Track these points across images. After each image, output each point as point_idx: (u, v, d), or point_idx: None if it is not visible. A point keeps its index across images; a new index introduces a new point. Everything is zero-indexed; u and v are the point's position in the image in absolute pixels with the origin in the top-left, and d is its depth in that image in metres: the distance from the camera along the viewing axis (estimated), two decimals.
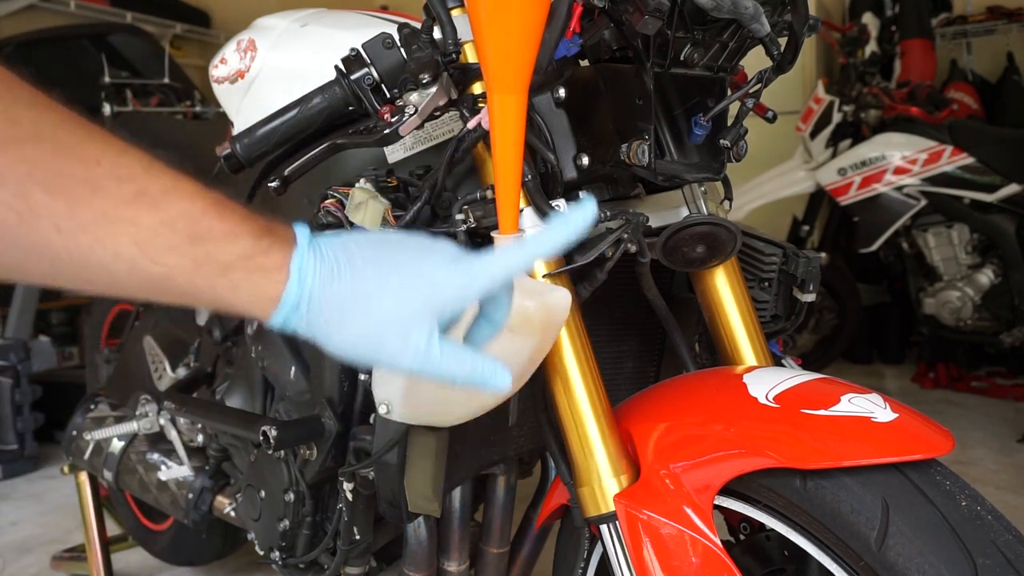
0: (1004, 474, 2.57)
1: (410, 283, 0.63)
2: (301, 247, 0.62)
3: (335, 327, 0.62)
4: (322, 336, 0.63)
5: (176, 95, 3.07)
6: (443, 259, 0.65)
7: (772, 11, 0.84)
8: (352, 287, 0.62)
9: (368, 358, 0.64)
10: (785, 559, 0.92)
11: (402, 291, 0.63)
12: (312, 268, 0.62)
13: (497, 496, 1.22)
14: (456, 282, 0.64)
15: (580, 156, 0.93)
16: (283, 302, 0.61)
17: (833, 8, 4.32)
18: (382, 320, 0.62)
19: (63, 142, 0.54)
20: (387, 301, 0.62)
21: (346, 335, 0.63)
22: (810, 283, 1.05)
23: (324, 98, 0.94)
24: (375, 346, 0.63)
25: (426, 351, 0.63)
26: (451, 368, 0.65)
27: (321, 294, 0.61)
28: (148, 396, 1.60)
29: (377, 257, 0.64)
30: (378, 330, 0.63)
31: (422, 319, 0.63)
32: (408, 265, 0.64)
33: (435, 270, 0.64)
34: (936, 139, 3.21)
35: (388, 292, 0.62)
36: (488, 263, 0.66)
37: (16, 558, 2.25)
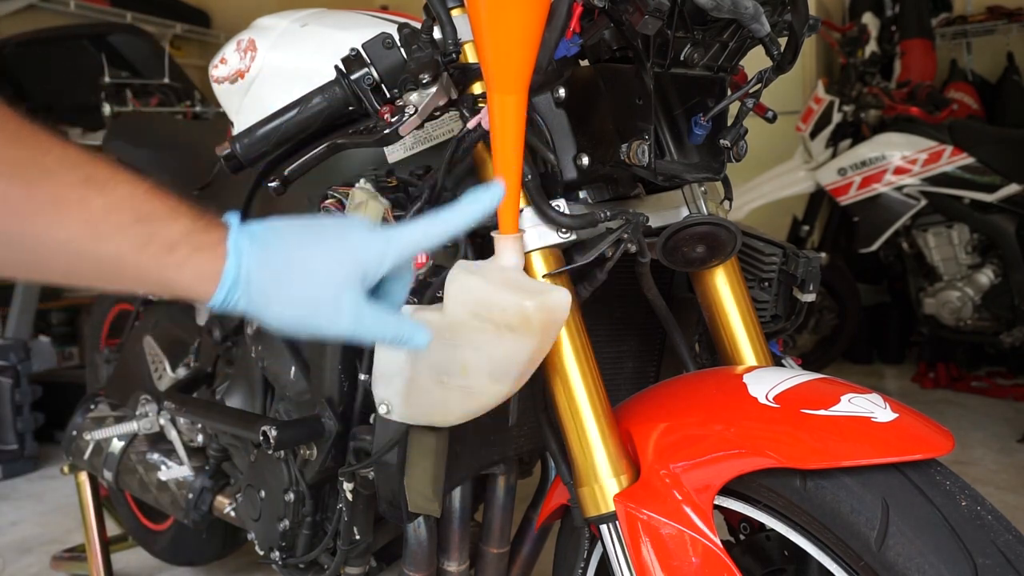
0: (1004, 474, 2.57)
1: (336, 253, 0.68)
2: (234, 227, 0.67)
3: (273, 300, 0.67)
4: (261, 310, 0.67)
5: (176, 95, 3.07)
6: (362, 229, 0.71)
7: (772, 11, 0.84)
8: (285, 260, 0.67)
9: (305, 327, 0.68)
10: (785, 559, 0.92)
11: (330, 260, 0.68)
12: (247, 245, 0.66)
13: (497, 496, 1.22)
14: (376, 248, 0.70)
15: (580, 156, 0.93)
16: (224, 277, 0.64)
17: (833, 8, 4.32)
18: (315, 289, 0.67)
19: (14, 132, 0.58)
20: (318, 270, 0.67)
21: (284, 307, 0.67)
22: (810, 283, 1.05)
23: (324, 98, 0.94)
24: (311, 314, 0.68)
25: (357, 314, 0.68)
26: (379, 329, 0.71)
27: (258, 268, 0.66)
28: (148, 396, 1.60)
29: (303, 233, 0.69)
30: (313, 298, 0.67)
31: (351, 285, 0.68)
32: (332, 237, 0.69)
33: (356, 239, 0.70)
34: (936, 139, 3.21)
35: (318, 262, 0.67)
36: (403, 231, 0.72)
37: (16, 558, 2.25)
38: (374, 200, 0.95)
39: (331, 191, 1.01)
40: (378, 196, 0.96)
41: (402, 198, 1.01)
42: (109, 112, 2.25)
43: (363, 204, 0.95)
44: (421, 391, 0.87)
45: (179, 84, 3.26)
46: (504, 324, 0.79)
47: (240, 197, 1.41)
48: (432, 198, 0.99)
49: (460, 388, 0.84)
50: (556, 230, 0.90)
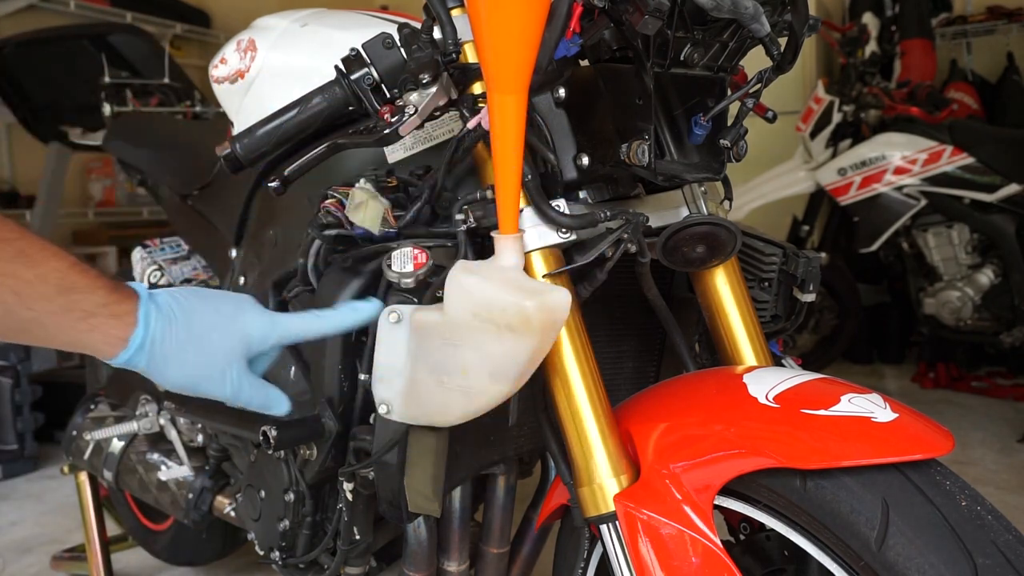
0: (1004, 474, 2.57)
1: (229, 331, 0.82)
2: (144, 299, 0.78)
3: (171, 365, 0.79)
4: (157, 372, 0.79)
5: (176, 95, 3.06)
6: (254, 311, 0.85)
7: (772, 11, 0.84)
8: (187, 333, 0.79)
9: (193, 389, 0.82)
10: (785, 559, 0.92)
11: (223, 337, 0.81)
12: (154, 316, 0.78)
13: (497, 496, 1.22)
14: (262, 330, 0.84)
15: (580, 156, 0.93)
16: (131, 343, 0.76)
17: (833, 8, 4.32)
18: (208, 360, 0.81)
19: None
20: (212, 345, 0.80)
21: (179, 371, 0.80)
22: (810, 283, 1.05)
23: (324, 98, 0.94)
24: (201, 379, 0.81)
25: (238, 384, 0.83)
26: (252, 396, 0.85)
27: (161, 339, 0.78)
28: (148, 396, 1.60)
29: (203, 308, 0.82)
30: (205, 367, 0.81)
31: (236, 360, 0.83)
32: (228, 316, 0.83)
33: (248, 320, 0.84)
34: (936, 139, 3.20)
35: (213, 338, 0.81)
36: (288, 321, 0.86)
37: (16, 558, 2.25)
38: (374, 200, 0.95)
39: (331, 191, 1.01)
40: (378, 196, 0.96)
41: (402, 198, 1.01)
42: (109, 112, 2.25)
43: (363, 204, 0.95)
44: (421, 391, 0.87)
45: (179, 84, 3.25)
46: (504, 324, 0.79)
47: (240, 197, 1.41)
48: (432, 198, 0.99)
49: (460, 388, 0.84)
50: (556, 230, 0.90)
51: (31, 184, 3.72)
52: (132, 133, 1.97)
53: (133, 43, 3.44)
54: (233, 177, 1.08)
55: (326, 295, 1.06)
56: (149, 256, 1.72)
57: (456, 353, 0.83)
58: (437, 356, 0.84)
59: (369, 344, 1.00)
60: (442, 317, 0.84)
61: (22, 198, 3.72)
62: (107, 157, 3.90)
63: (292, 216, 1.23)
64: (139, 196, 4.06)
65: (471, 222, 0.91)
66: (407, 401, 0.89)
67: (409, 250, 0.92)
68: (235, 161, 0.95)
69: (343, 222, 0.99)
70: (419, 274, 0.91)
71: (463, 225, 0.91)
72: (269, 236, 1.29)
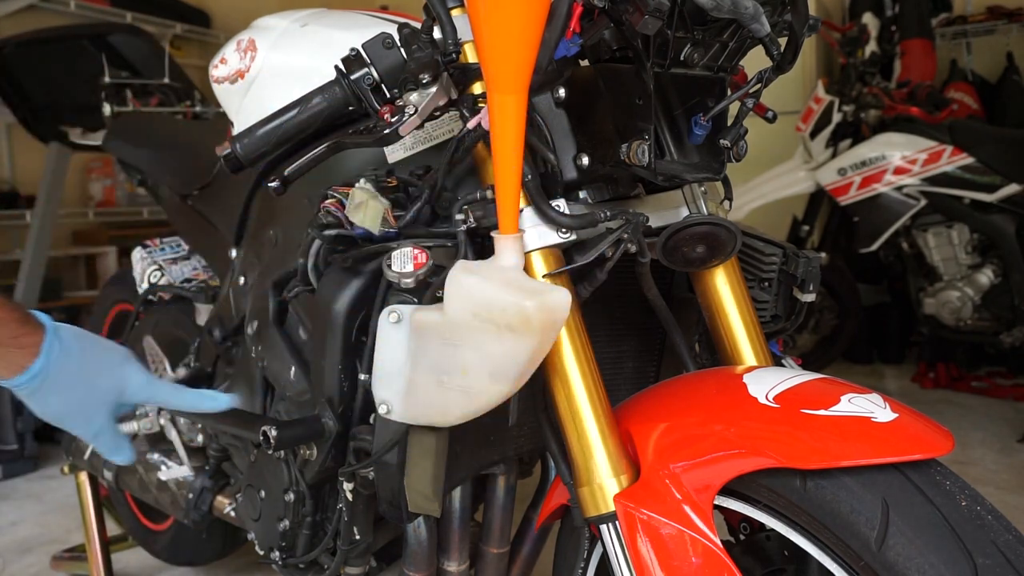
0: (1004, 474, 2.57)
1: (110, 381, 0.92)
2: (49, 332, 0.87)
3: (51, 397, 0.88)
4: (39, 400, 0.88)
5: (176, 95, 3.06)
6: (136, 372, 0.94)
7: (772, 11, 0.84)
8: (78, 370, 0.88)
9: (59, 422, 0.91)
10: (785, 559, 0.92)
11: (103, 385, 0.91)
12: (56, 350, 0.86)
13: (497, 496, 1.22)
14: (137, 390, 0.94)
15: (580, 156, 0.93)
16: (28, 372, 0.85)
17: (833, 8, 4.32)
18: (85, 402, 0.90)
19: None
20: (92, 391, 0.90)
21: (57, 403, 0.89)
22: (810, 283, 1.05)
23: (324, 98, 0.94)
24: (71, 416, 0.91)
25: (99, 431, 0.93)
26: (106, 443, 0.94)
27: (56, 371, 0.86)
28: None
29: (96, 351, 0.91)
30: (79, 407, 0.90)
31: (107, 410, 0.92)
32: (115, 363, 0.93)
33: (129, 372, 0.93)
34: (936, 139, 3.20)
35: (95, 384, 0.90)
36: (159, 389, 0.97)
37: (16, 558, 2.25)
38: (374, 200, 0.95)
39: (331, 191, 1.01)
40: (378, 196, 0.96)
41: (402, 198, 1.01)
42: (109, 112, 2.24)
43: (363, 204, 0.95)
44: (421, 391, 0.87)
45: (179, 84, 3.25)
46: (504, 324, 0.79)
47: (240, 197, 1.41)
48: (432, 198, 0.99)
49: (460, 388, 0.84)
50: (556, 230, 0.90)
51: (31, 184, 3.72)
52: (132, 133, 1.97)
53: (133, 43, 3.44)
54: (233, 177, 1.08)
55: (326, 295, 1.06)
56: (149, 256, 1.72)
57: (456, 353, 0.83)
58: (437, 356, 0.85)
59: (369, 344, 1.00)
60: (442, 317, 0.84)
61: (22, 198, 3.72)
62: (107, 157, 3.90)
63: (292, 216, 1.23)
64: (139, 196, 4.06)
65: (471, 222, 0.91)
66: (407, 401, 0.89)
67: (409, 250, 0.92)
68: (235, 161, 0.95)
69: (343, 222, 0.99)
70: (419, 274, 0.91)
71: (463, 225, 0.91)
72: (269, 236, 1.29)
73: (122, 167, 1.97)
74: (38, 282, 3.42)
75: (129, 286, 2.02)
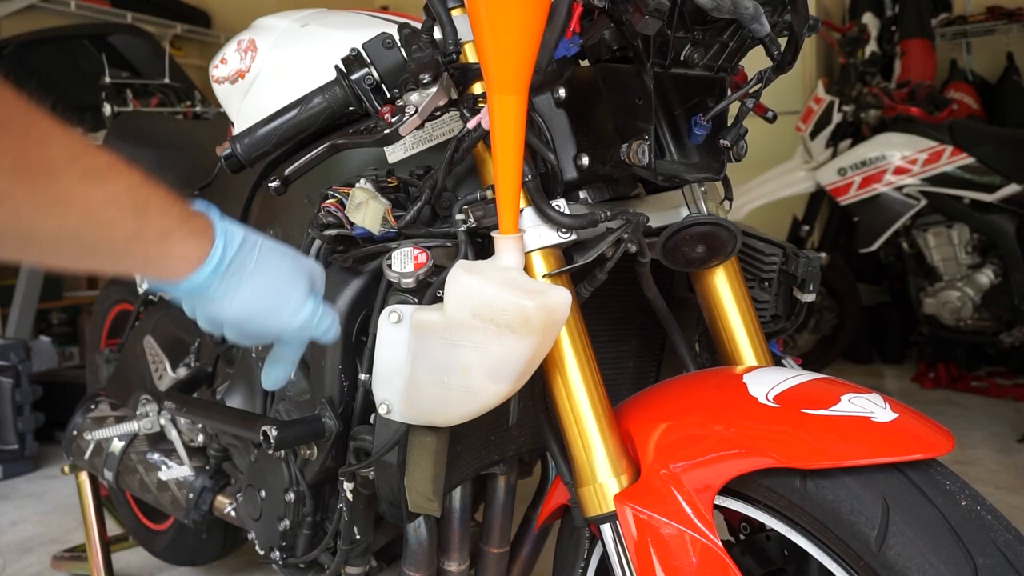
0: (1004, 474, 2.57)
1: (297, 260, 0.78)
2: (216, 216, 0.72)
3: (243, 288, 0.72)
4: (226, 297, 0.71)
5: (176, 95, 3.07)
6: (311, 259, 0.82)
7: (772, 11, 0.84)
8: (261, 256, 0.73)
9: (253, 320, 0.74)
10: (785, 559, 0.92)
11: (294, 263, 0.77)
12: (231, 235, 0.71)
13: (497, 496, 1.22)
14: (318, 269, 0.81)
15: (580, 156, 0.93)
16: (208, 261, 0.69)
17: (833, 8, 4.32)
18: (280, 288, 0.75)
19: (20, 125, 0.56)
20: (285, 272, 0.75)
21: (248, 296, 0.72)
22: (810, 283, 1.05)
23: (324, 98, 0.95)
24: (271, 309, 0.74)
25: (313, 309, 0.77)
26: (323, 320, 0.79)
27: (238, 259, 0.71)
28: (148, 396, 1.60)
29: (267, 238, 0.76)
30: (276, 295, 0.74)
31: (306, 288, 0.77)
32: (293, 252, 0.79)
33: (308, 262, 0.80)
34: (936, 139, 3.20)
35: (286, 261, 0.76)
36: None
37: (16, 558, 2.25)
38: (374, 200, 0.95)
39: (331, 191, 1.01)
40: (378, 196, 0.96)
41: (402, 198, 1.01)
42: (109, 112, 2.25)
43: (363, 204, 0.95)
44: (421, 391, 0.87)
45: (179, 84, 3.25)
46: (504, 324, 0.79)
47: (240, 197, 1.41)
48: (432, 198, 0.99)
49: (460, 388, 0.84)
50: (556, 230, 0.90)
51: None
52: (132, 133, 1.97)
53: (133, 43, 3.44)
54: (233, 177, 1.08)
55: (326, 295, 1.06)
56: None
57: (456, 353, 0.83)
58: (437, 356, 0.85)
59: (369, 344, 1.00)
60: (442, 317, 0.84)
61: None
62: None
63: (292, 216, 1.23)
64: None
65: (471, 222, 0.91)
66: (407, 401, 0.89)
67: (409, 250, 0.92)
68: (235, 161, 0.95)
69: (343, 222, 0.99)
70: (419, 274, 0.91)
71: (463, 225, 0.91)
72: (269, 236, 1.29)
73: None
74: (38, 282, 3.42)
75: (129, 286, 2.02)
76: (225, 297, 0.71)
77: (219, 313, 0.73)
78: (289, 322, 0.76)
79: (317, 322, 0.78)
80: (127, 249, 0.64)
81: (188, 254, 0.68)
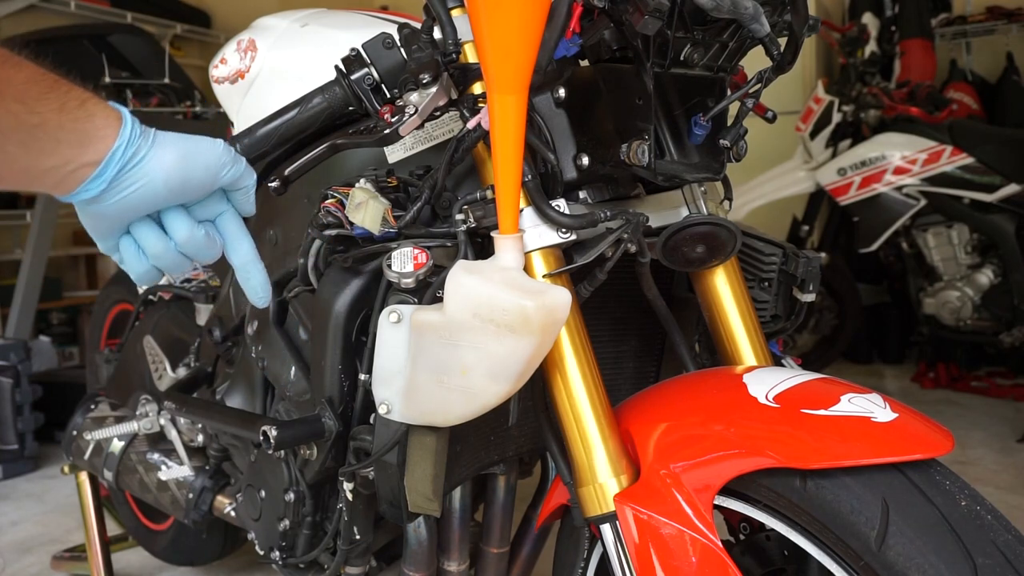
0: (1004, 474, 2.57)
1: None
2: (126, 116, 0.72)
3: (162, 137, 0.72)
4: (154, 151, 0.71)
5: (176, 95, 3.07)
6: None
7: (772, 11, 0.84)
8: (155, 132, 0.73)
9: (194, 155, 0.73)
10: (785, 559, 0.92)
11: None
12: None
13: (497, 496, 1.22)
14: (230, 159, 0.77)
15: (580, 156, 0.93)
16: (125, 120, 0.70)
17: (833, 8, 4.32)
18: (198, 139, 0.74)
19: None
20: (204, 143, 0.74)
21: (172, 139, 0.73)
22: (810, 283, 1.05)
23: (324, 98, 0.94)
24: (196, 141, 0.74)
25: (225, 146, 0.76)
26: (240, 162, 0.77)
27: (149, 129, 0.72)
28: (148, 396, 1.60)
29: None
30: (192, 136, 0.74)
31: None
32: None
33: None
34: (936, 139, 3.20)
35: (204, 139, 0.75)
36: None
37: (16, 558, 2.25)
38: (374, 200, 0.95)
39: (331, 191, 1.01)
40: (378, 196, 0.96)
41: (402, 198, 1.01)
42: None
43: (363, 204, 0.95)
44: (421, 391, 0.87)
45: (179, 84, 3.25)
46: (504, 324, 0.79)
47: None
48: (432, 198, 0.99)
49: (460, 388, 0.84)
50: (556, 230, 0.90)
51: None
52: None
53: (133, 43, 3.44)
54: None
55: (326, 295, 1.06)
56: None
57: (456, 353, 0.83)
58: (437, 356, 0.85)
59: (369, 344, 1.00)
60: (442, 317, 0.84)
61: (22, 198, 3.72)
62: None
63: (292, 216, 1.23)
64: None
65: (471, 222, 0.91)
66: (407, 401, 0.89)
67: (409, 250, 0.92)
68: None
69: (343, 222, 0.99)
70: (419, 274, 0.91)
71: (463, 225, 0.91)
72: (269, 236, 1.29)
73: None
74: (38, 282, 3.42)
75: (129, 286, 2.02)
76: (152, 149, 0.71)
77: (155, 170, 0.71)
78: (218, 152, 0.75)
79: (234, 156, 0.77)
80: (59, 124, 0.67)
81: (108, 117, 0.70)
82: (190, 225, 0.75)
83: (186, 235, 0.75)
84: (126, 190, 0.71)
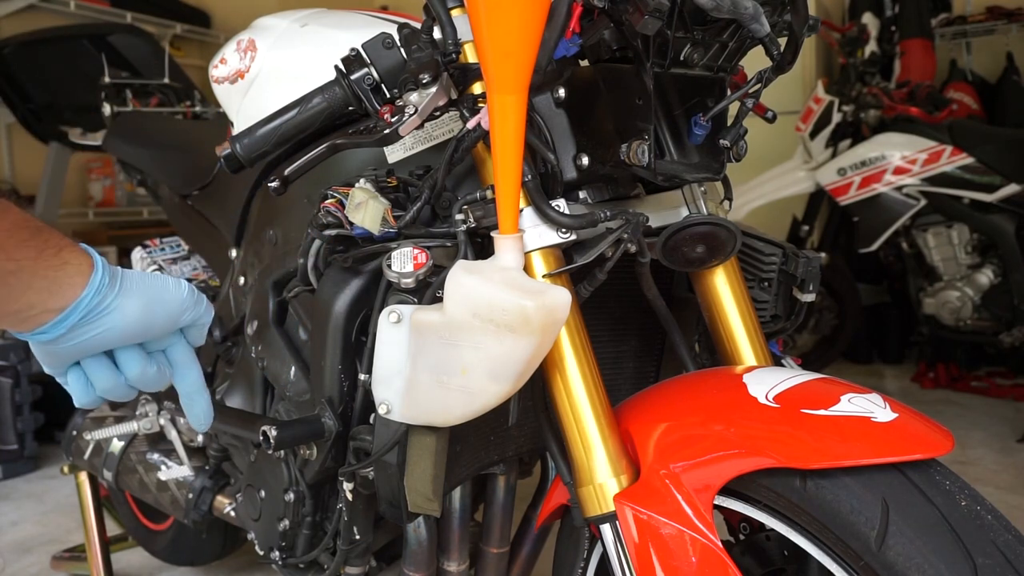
0: (1004, 474, 2.57)
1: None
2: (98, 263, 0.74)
3: (128, 284, 0.73)
4: (120, 300, 0.73)
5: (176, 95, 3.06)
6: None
7: (772, 11, 0.84)
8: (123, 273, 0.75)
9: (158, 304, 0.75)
10: (785, 559, 0.92)
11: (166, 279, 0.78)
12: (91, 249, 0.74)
13: (497, 496, 1.22)
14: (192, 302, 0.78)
15: (580, 156, 0.93)
16: (96, 267, 0.71)
17: (833, 8, 4.32)
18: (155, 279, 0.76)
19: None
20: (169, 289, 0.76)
21: (137, 288, 0.74)
22: (810, 283, 1.05)
23: (324, 98, 0.95)
24: (162, 288, 0.75)
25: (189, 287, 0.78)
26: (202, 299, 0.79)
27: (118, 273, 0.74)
28: (148, 396, 1.60)
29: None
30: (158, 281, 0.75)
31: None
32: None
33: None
34: (936, 139, 3.20)
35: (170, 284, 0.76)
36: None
37: (16, 558, 2.25)
38: (374, 200, 0.95)
39: (331, 191, 1.01)
40: (378, 196, 0.96)
41: (402, 198, 1.01)
42: (109, 112, 2.24)
43: (363, 204, 0.95)
44: (421, 391, 0.87)
45: (179, 84, 3.25)
46: (504, 324, 0.79)
47: (240, 197, 1.41)
48: (432, 198, 0.99)
49: (460, 388, 0.84)
50: (556, 230, 0.90)
51: (31, 184, 3.72)
52: (132, 133, 1.97)
53: (133, 43, 3.44)
54: (233, 177, 1.08)
55: (326, 295, 1.06)
56: (149, 256, 1.72)
57: (456, 353, 0.83)
58: (437, 356, 0.85)
59: (369, 344, 1.00)
60: (442, 317, 0.84)
61: (22, 198, 3.72)
62: (107, 157, 3.90)
63: (292, 216, 1.23)
64: (139, 196, 4.06)
65: (471, 222, 0.91)
66: (407, 401, 0.89)
67: (409, 250, 0.92)
68: (235, 161, 0.95)
69: (343, 222, 0.99)
70: (419, 274, 0.91)
71: (463, 225, 0.91)
72: (269, 236, 1.29)
73: (122, 167, 1.97)
74: None
75: None
76: (117, 299, 0.73)
77: (116, 320, 0.73)
78: (182, 298, 0.77)
79: (197, 297, 0.78)
80: (33, 271, 0.68)
81: (80, 265, 0.71)
82: (143, 363, 0.76)
83: (138, 373, 0.76)
84: (84, 335, 0.72)
